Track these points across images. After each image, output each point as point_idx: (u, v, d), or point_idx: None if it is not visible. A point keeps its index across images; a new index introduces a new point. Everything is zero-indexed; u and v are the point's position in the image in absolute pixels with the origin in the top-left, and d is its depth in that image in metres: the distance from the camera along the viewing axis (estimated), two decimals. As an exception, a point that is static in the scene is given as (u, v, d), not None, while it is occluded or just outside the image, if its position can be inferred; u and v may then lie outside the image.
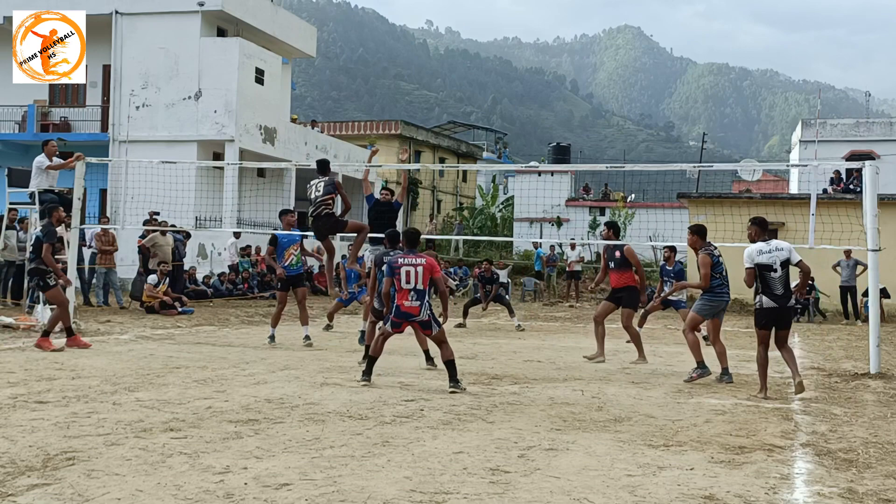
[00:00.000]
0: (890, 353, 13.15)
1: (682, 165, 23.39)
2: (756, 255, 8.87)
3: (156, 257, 18.15)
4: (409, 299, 8.37)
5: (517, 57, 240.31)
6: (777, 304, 8.72)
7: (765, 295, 8.78)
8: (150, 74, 26.74)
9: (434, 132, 51.48)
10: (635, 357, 11.52)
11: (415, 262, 8.43)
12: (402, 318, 8.44)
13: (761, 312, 8.78)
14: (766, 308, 8.76)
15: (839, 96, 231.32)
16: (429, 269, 8.45)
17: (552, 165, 40.54)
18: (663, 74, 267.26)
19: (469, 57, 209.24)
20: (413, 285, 8.38)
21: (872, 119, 41.87)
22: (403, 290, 8.38)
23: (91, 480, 4.71)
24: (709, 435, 6.46)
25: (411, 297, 8.36)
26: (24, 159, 24.18)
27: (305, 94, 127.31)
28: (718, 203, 26.10)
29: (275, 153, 27.63)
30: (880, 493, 4.93)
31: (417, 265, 8.41)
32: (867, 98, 71.89)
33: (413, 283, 8.38)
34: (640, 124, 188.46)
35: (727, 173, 49.91)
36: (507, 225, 40.57)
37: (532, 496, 4.66)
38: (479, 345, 13.21)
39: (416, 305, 8.37)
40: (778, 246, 8.98)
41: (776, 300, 8.73)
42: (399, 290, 8.42)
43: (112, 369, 9.12)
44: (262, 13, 29.32)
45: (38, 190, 13.93)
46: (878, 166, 11.24)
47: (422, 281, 8.38)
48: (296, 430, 6.18)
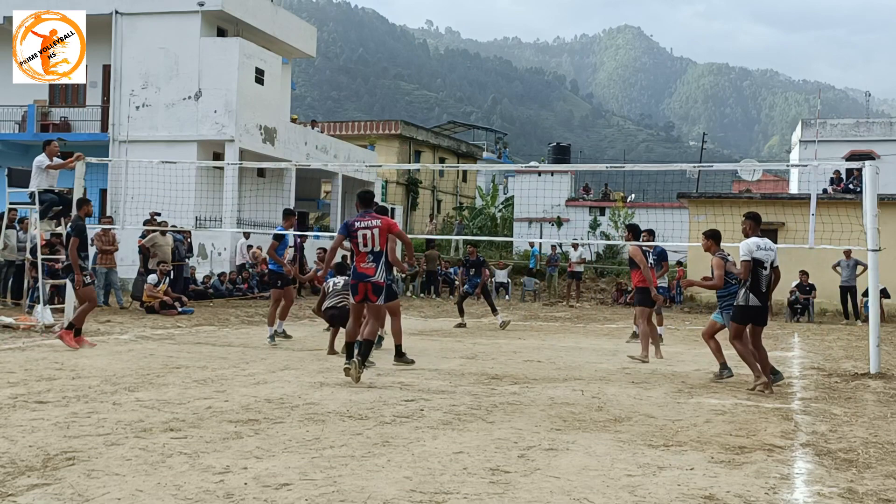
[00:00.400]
0: (890, 353, 13.16)
1: (682, 165, 23.40)
2: (755, 250, 8.85)
3: (155, 257, 18.16)
4: (366, 261, 8.63)
5: (517, 57, 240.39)
6: (761, 303, 8.81)
7: (752, 292, 8.82)
8: (150, 74, 26.74)
9: (434, 132, 51.49)
10: (637, 353, 11.52)
11: (370, 224, 8.67)
12: (359, 279, 8.64)
13: (746, 310, 8.84)
14: (751, 306, 8.84)
15: (839, 96, 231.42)
16: (385, 229, 8.69)
17: (552, 165, 40.53)
18: (663, 74, 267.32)
19: (469, 57, 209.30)
20: (370, 248, 8.63)
21: (872, 119, 41.86)
22: (361, 252, 8.64)
23: (91, 480, 4.71)
24: (709, 435, 6.46)
25: (368, 259, 8.62)
26: (24, 159, 24.20)
27: (305, 94, 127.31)
28: (718, 203, 26.10)
29: (275, 153, 27.63)
30: (880, 493, 4.93)
31: (373, 227, 8.65)
32: (867, 98, 71.87)
33: (370, 246, 8.63)
34: (640, 124, 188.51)
35: (727, 173, 49.95)
36: (507, 225, 40.57)
37: (532, 496, 4.66)
38: (479, 345, 13.21)
39: (371, 267, 8.61)
40: (770, 245, 9.04)
41: (761, 298, 8.81)
42: (357, 253, 8.68)
43: (112, 369, 9.12)
44: (262, 13, 29.33)
45: (38, 190, 13.92)
46: (878, 166, 11.24)
47: (378, 243, 8.62)
48: (296, 430, 6.18)
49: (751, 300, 8.80)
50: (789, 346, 14.93)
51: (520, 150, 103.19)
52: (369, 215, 8.78)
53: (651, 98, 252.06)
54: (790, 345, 15.09)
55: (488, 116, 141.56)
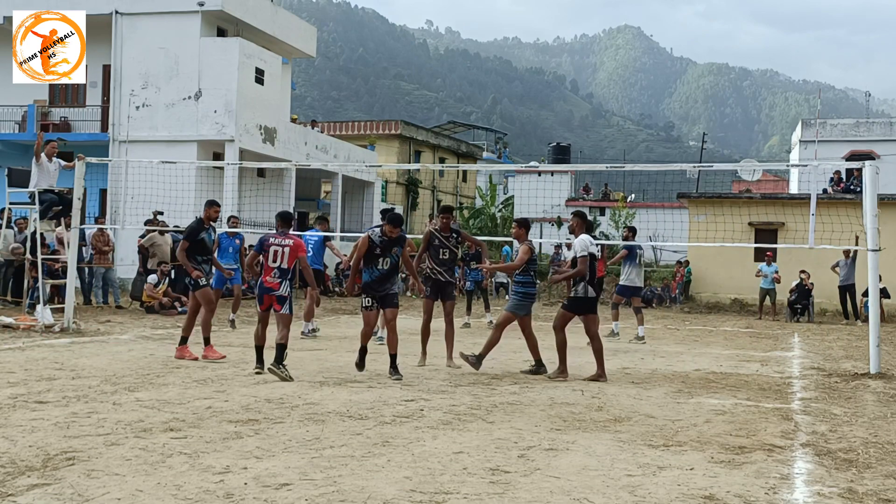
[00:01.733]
0: (890, 353, 13.15)
1: (682, 165, 23.39)
2: (589, 245, 9.46)
3: (155, 257, 18.16)
4: (271, 276, 9.16)
5: (517, 57, 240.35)
6: (595, 294, 9.58)
7: (589, 284, 9.49)
8: (150, 74, 26.73)
9: (434, 132, 51.46)
10: (635, 359, 11.54)
11: (283, 243, 9.21)
12: (264, 292, 9.18)
13: (585, 301, 9.50)
14: (589, 297, 9.52)
15: (839, 96, 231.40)
16: (295, 250, 9.21)
17: (552, 165, 40.55)
18: (663, 74, 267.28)
19: (469, 57, 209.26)
20: (278, 264, 9.15)
21: (872, 119, 41.87)
22: (269, 267, 9.17)
23: (91, 480, 4.71)
24: (709, 435, 6.45)
25: (274, 275, 9.16)
26: (24, 159, 24.15)
27: (305, 94, 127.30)
28: (718, 203, 26.13)
29: (275, 153, 27.62)
30: (880, 493, 4.93)
31: (285, 246, 9.18)
32: (867, 98, 71.91)
33: (278, 262, 9.15)
34: (640, 124, 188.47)
35: (727, 173, 49.98)
36: (508, 225, 40.57)
37: (532, 496, 4.66)
38: (478, 345, 13.18)
39: (277, 282, 9.16)
40: (593, 241, 9.77)
41: (596, 290, 9.58)
42: (265, 268, 9.21)
43: (112, 369, 9.12)
44: (262, 13, 29.31)
45: (37, 190, 13.93)
46: (878, 166, 11.23)
47: (287, 261, 9.14)
48: (296, 430, 6.18)
49: (589, 292, 9.50)
50: (789, 346, 14.93)
51: (520, 150, 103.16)
52: (285, 235, 9.34)
53: (651, 98, 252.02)
54: (790, 345, 15.09)
55: (488, 116, 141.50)
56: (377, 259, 9.05)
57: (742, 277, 24.16)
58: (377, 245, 9.02)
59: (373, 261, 9.05)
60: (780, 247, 22.11)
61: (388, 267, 9.11)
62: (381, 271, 9.07)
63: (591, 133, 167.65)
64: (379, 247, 9.03)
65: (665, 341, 14.93)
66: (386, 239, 9.04)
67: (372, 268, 9.08)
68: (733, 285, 25.30)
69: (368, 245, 9.01)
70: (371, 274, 9.08)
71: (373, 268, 9.08)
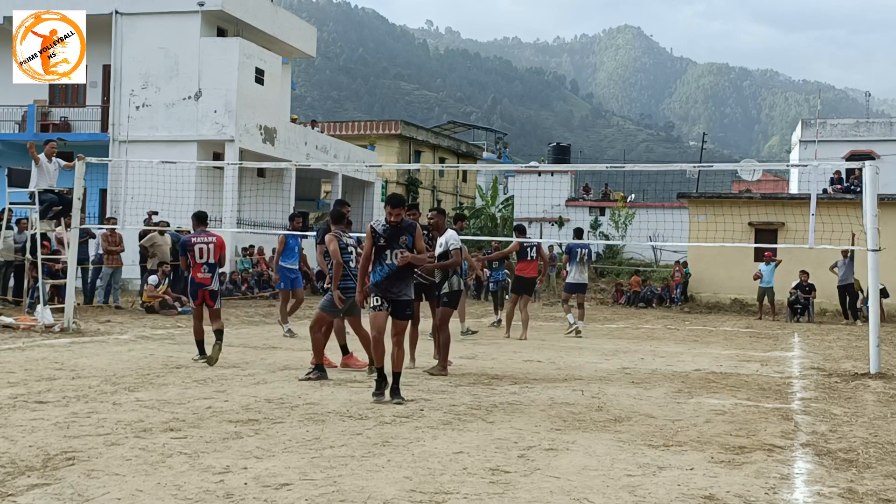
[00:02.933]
0: (890, 353, 13.15)
1: (682, 165, 23.41)
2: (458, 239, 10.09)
3: (154, 257, 18.16)
4: (202, 272, 9.84)
5: (517, 57, 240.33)
6: (465, 287, 10.66)
7: (461, 277, 10.30)
8: (150, 74, 26.74)
9: (434, 132, 51.43)
10: (629, 360, 11.55)
11: (207, 240, 9.90)
12: (198, 288, 9.86)
13: (457, 294, 10.14)
14: (461, 290, 10.36)
15: (839, 96, 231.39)
16: (219, 246, 9.93)
17: (552, 165, 40.56)
18: (663, 74, 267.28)
19: (469, 57, 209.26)
20: (205, 260, 9.83)
21: (872, 119, 41.87)
22: (198, 264, 9.83)
23: (91, 480, 4.71)
24: (709, 435, 6.45)
25: (204, 270, 9.84)
26: (24, 159, 24.06)
27: (305, 94, 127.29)
28: (718, 203, 26.12)
29: (275, 153, 27.63)
30: (880, 493, 4.93)
31: (209, 243, 9.88)
32: (867, 98, 71.93)
33: (205, 258, 9.83)
34: (640, 124, 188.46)
35: (727, 173, 49.96)
36: (508, 225, 40.57)
37: (532, 496, 4.66)
38: (479, 345, 13.20)
39: (208, 276, 9.85)
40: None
41: (465, 283, 10.91)
42: (194, 265, 9.85)
43: (112, 369, 9.12)
44: (262, 13, 29.31)
45: (37, 190, 13.94)
46: (878, 166, 11.23)
47: (213, 256, 9.85)
48: (296, 430, 6.18)
49: (460, 285, 10.18)
50: (789, 346, 14.93)
51: (520, 150, 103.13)
52: (205, 233, 9.99)
53: (651, 98, 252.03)
54: (790, 345, 15.09)
55: (488, 116, 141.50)
56: (384, 252, 7.50)
57: (742, 277, 24.15)
58: (381, 235, 7.50)
59: (379, 256, 7.52)
60: (780, 247, 22.10)
61: (398, 262, 7.49)
62: (390, 266, 7.47)
63: (591, 133, 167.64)
64: (383, 237, 7.49)
65: (665, 341, 14.94)
66: (388, 226, 7.50)
67: (381, 264, 7.52)
68: (733, 285, 25.29)
69: (372, 237, 7.52)
70: (380, 272, 7.52)
71: (381, 264, 7.51)
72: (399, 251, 7.51)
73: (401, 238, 7.54)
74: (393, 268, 7.53)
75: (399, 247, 7.52)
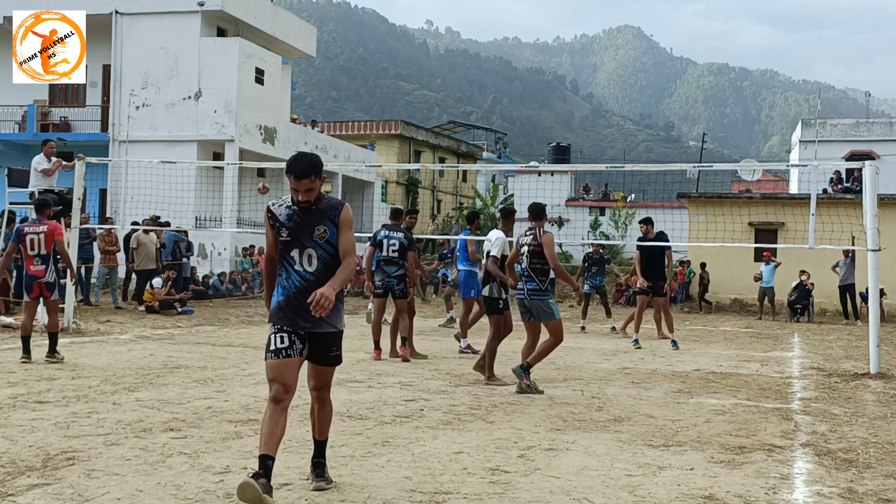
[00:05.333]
0: (890, 353, 13.15)
1: (682, 165, 23.40)
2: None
3: (141, 257, 17.95)
4: (34, 264, 9.49)
5: (517, 57, 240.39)
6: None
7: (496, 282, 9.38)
8: (150, 74, 26.75)
9: (434, 132, 51.45)
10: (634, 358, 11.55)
11: (37, 230, 9.50)
12: (32, 280, 9.51)
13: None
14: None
15: (839, 96, 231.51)
16: (50, 235, 9.48)
17: (552, 165, 40.53)
18: (663, 74, 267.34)
19: (469, 57, 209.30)
20: (37, 251, 9.47)
21: (872, 119, 41.86)
22: (30, 256, 9.49)
23: (91, 480, 4.71)
24: (709, 435, 6.45)
25: (36, 262, 9.49)
26: (24, 159, 24.16)
27: (305, 94, 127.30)
28: (718, 203, 26.11)
29: (275, 153, 27.63)
30: (880, 493, 4.93)
31: (40, 233, 9.47)
32: (867, 98, 71.94)
33: (37, 250, 9.47)
34: (640, 124, 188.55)
35: (727, 173, 49.91)
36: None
37: (532, 496, 4.66)
38: (479, 345, 13.19)
39: (41, 269, 9.50)
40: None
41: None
42: (26, 258, 9.51)
43: (112, 369, 9.11)
44: (262, 13, 29.33)
45: (37, 190, 13.94)
46: (878, 166, 11.23)
47: (44, 247, 9.46)
48: (296, 430, 6.18)
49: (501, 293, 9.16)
50: (789, 346, 14.92)
51: (520, 150, 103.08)
52: (39, 222, 9.57)
53: (651, 98, 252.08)
54: (790, 345, 15.09)
55: (488, 116, 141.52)
56: (288, 254, 4.65)
57: (742, 277, 24.16)
58: (282, 224, 4.65)
59: (284, 258, 4.69)
60: (780, 247, 22.11)
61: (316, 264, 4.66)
62: (301, 277, 4.64)
63: (591, 133, 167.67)
64: (286, 227, 4.63)
65: (665, 341, 14.92)
66: (295, 209, 4.65)
67: (286, 271, 4.69)
68: (733, 285, 25.29)
69: (271, 226, 4.71)
70: (286, 285, 4.68)
71: (287, 271, 4.68)
72: (313, 251, 4.62)
73: (316, 229, 4.63)
74: (308, 278, 4.62)
75: (313, 244, 4.62)
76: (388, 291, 10.76)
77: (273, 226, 4.70)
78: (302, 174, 4.55)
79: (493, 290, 9.04)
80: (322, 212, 4.65)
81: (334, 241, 4.64)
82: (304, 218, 4.63)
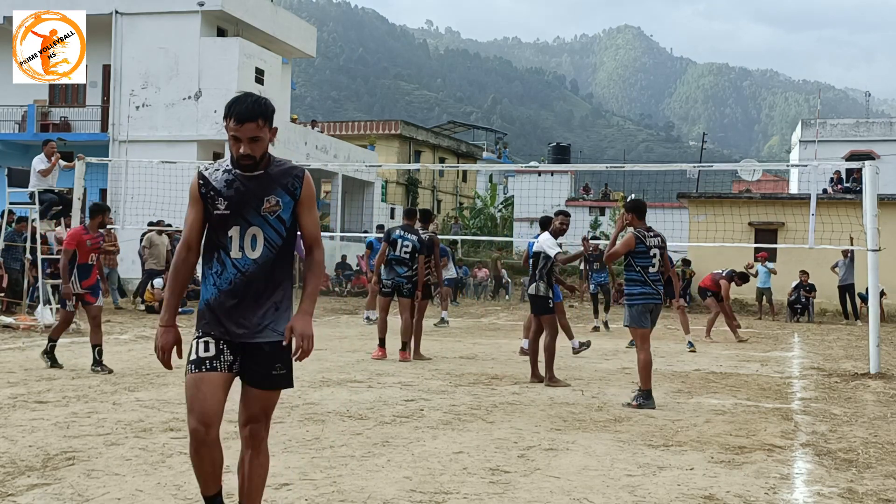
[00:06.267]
0: (890, 353, 13.15)
1: (682, 165, 23.41)
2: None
3: (152, 257, 18.03)
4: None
5: (517, 57, 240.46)
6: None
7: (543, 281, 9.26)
8: (150, 74, 26.74)
9: (434, 132, 51.47)
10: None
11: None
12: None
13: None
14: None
15: (839, 96, 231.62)
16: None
17: (552, 165, 40.55)
18: (663, 74, 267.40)
19: (469, 57, 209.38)
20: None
21: (872, 119, 41.86)
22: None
23: (91, 480, 4.71)
24: (709, 435, 6.45)
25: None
26: (24, 159, 24.17)
27: (305, 94, 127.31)
28: (718, 203, 26.11)
29: (274, 153, 27.54)
30: (880, 493, 4.93)
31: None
32: (867, 98, 71.86)
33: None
34: (640, 124, 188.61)
35: (727, 173, 49.90)
36: (508, 225, 40.57)
37: (532, 496, 4.66)
38: (478, 345, 13.21)
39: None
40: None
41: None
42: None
43: (112, 369, 9.11)
44: (262, 13, 29.31)
45: (37, 190, 13.94)
46: (878, 166, 11.23)
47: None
48: (296, 430, 6.18)
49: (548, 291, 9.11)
50: (789, 346, 14.92)
51: (520, 150, 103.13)
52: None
53: (651, 98, 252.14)
54: (790, 345, 15.09)
55: (488, 116, 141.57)
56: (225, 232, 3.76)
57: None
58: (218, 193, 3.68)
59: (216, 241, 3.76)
60: (780, 247, 22.11)
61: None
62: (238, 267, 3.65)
63: (591, 133, 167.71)
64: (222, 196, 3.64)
65: (665, 341, 14.93)
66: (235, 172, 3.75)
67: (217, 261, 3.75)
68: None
69: (200, 198, 3.67)
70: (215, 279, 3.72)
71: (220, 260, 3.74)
72: (259, 231, 3.53)
73: (266, 200, 3.57)
74: (246, 269, 3.55)
75: (260, 220, 3.54)
76: (395, 290, 10.79)
77: (204, 195, 3.52)
78: (246, 115, 3.49)
79: (541, 288, 8.81)
80: (274, 178, 3.56)
81: (288, 220, 3.52)
82: (248, 185, 3.51)
